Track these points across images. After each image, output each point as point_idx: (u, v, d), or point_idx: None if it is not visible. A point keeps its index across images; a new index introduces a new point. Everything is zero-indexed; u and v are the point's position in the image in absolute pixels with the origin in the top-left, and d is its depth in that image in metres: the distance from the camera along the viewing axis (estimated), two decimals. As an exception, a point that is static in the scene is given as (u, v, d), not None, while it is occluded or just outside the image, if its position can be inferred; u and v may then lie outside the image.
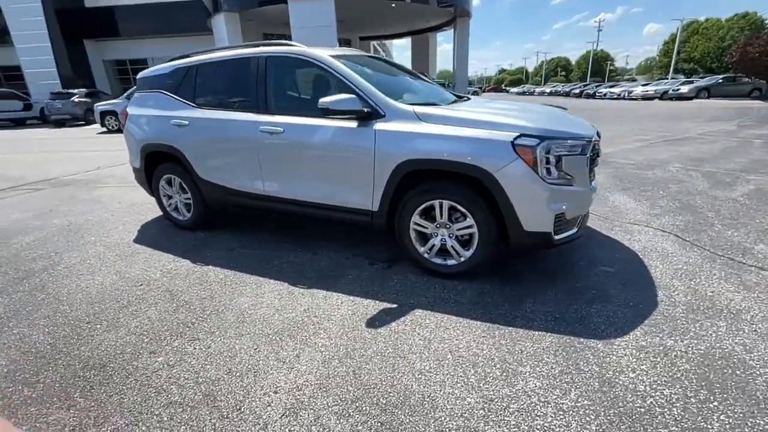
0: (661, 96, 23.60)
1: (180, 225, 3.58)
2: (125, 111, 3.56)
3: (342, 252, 2.96)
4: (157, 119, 3.30)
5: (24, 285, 2.65)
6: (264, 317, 2.17)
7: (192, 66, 3.18)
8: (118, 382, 1.73)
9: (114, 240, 3.40)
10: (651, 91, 24.62)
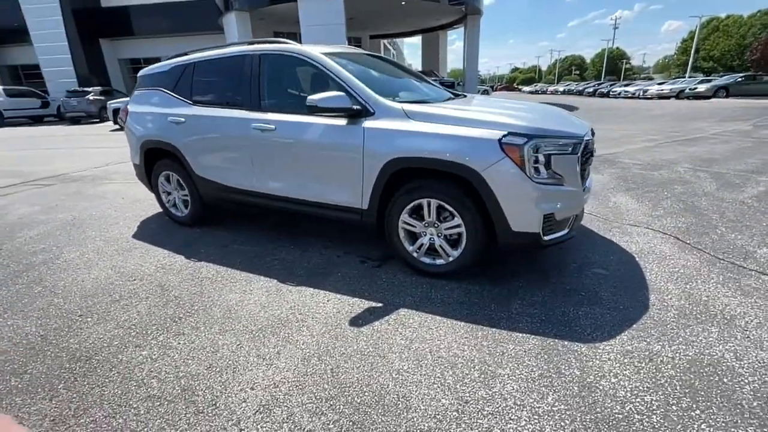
0: (677, 95, 23.01)
1: (178, 221, 3.62)
2: (126, 108, 3.62)
3: (334, 250, 2.96)
4: (156, 116, 3.35)
5: (23, 278, 2.71)
6: (250, 314, 2.18)
7: (189, 64, 3.22)
8: (101, 374, 1.76)
9: (113, 235, 3.46)
10: (666, 90, 24.02)
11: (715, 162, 5.29)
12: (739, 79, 21.70)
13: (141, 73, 3.62)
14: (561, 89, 44.77)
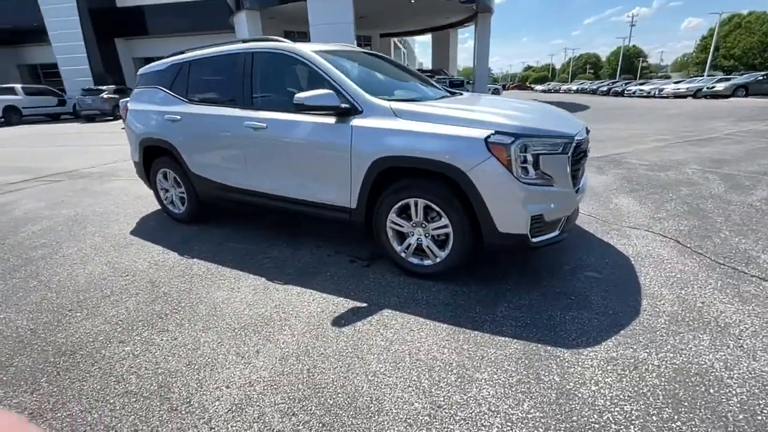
0: (695, 94, 22.38)
1: (176, 218, 3.66)
2: (126, 106, 3.67)
3: (326, 249, 2.95)
4: (154, 114, 3.38)
5: (21, 272, 2.77)
6: (235, 312, 2.18)
7: (185, 62, 3.24)
8: (83, 369, 1.78)
9: (112, 231, 3.52)
10: (683, 89, 23.39)
11: (726, 163, 5.12)
12: (760, 78, 21.01)
13: (140, 72, 3.66)
14: (574, 88, 44.00)
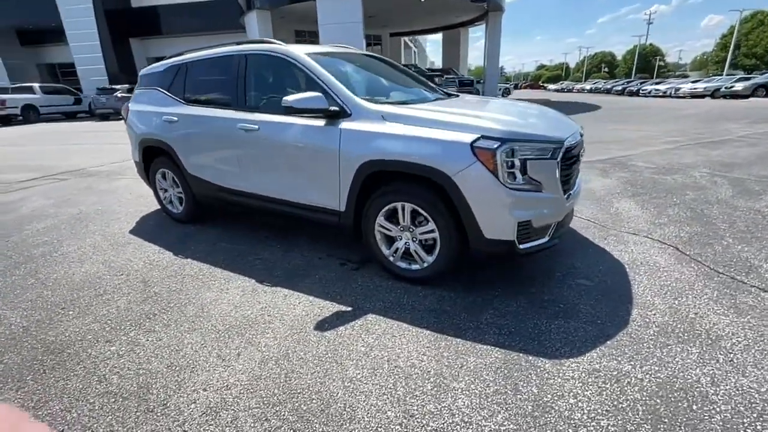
0: (713, 94, 21.81)
1: (174, 218, 3.71)
2: (127, 106, 3.73)
3: (317, 251, 2.95)
4: (153, 115, 3.43)
5: (21, 269, 2.84)
6: (221, 313, 2.20)
7: (183, 64, 3.28)
8: (68, 367, 1.81)
9: (112, 230, 3.58)
10: (700, 89, 22.80)
11: (737, 167, 4.97)
12: (782, 77, 20.37)
13: (141, 73, 3.72)
14: (588, 87, 43.26)
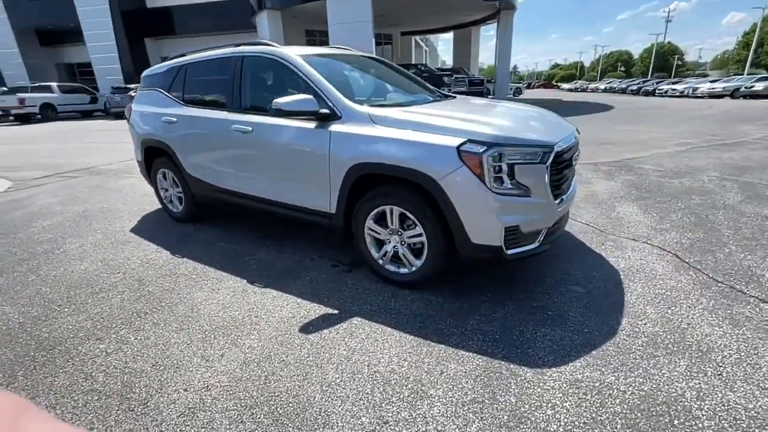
0: (732, 93, 21.19)
1: (174, 217, 3.76)
2: (130, 107, 3.80)
3: (310, 252, 2.96)
4: (153, 116, 3.48)
5: (23, 266, 2.92)
6: (210, 313, 2.22)
7: (182, 65, 3.32)
8: (58, 364, 1.86)
9: (114, 228, 3.65)
10: (719, 89, 22.17)
11: (749, 170, 4.81)
12: (805, 77, 19.66)
13: (144, 74, 3.78)
14: (602, 87, 42.45)
